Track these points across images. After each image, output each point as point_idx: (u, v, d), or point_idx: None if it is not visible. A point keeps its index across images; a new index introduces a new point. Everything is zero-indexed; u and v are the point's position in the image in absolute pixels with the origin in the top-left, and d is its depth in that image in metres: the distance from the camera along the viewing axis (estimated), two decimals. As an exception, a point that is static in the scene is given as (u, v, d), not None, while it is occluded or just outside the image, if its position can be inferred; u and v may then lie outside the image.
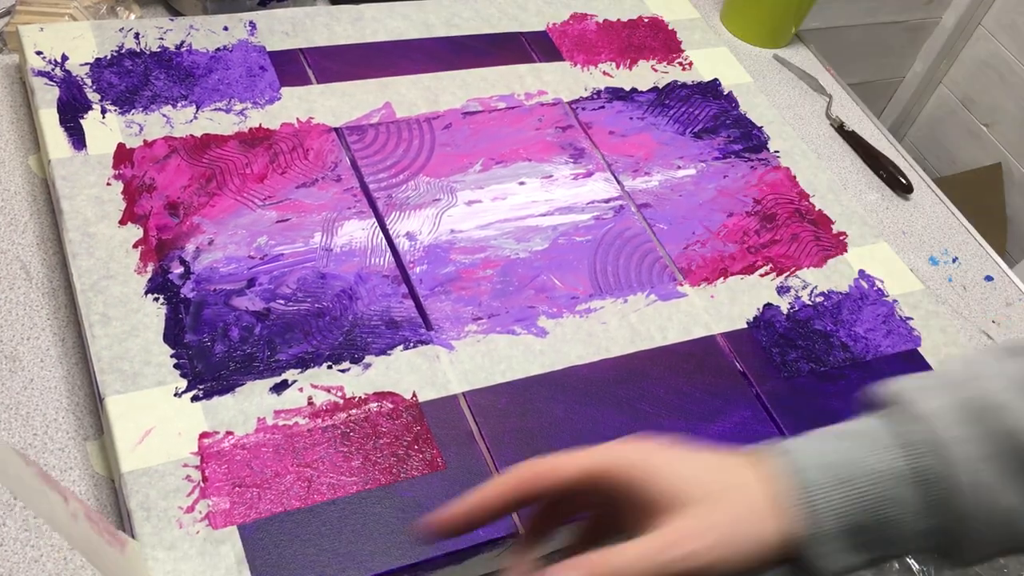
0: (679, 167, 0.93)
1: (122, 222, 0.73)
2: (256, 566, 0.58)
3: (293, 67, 0.89)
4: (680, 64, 1.04)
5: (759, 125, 1.00)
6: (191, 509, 0.59)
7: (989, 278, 1.02)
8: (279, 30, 0.92)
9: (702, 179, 0.92)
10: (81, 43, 0.84)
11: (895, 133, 1.93)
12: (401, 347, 0.71)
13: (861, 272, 0.89)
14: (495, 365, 0.72)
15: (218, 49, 0.88)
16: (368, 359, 0.70)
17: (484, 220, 0.82)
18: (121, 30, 0.87)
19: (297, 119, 0.84)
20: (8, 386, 0.67)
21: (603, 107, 0.96)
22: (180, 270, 0.71)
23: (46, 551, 0.61)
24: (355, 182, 0.81)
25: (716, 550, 0.43)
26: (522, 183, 0.86)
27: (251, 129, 0.82)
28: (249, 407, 0.65)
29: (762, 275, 0.86)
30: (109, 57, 0.84)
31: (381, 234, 0.78)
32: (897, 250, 1.01)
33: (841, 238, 0.91)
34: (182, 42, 0.88)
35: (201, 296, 0.70)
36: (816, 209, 0.93)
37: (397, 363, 0.70)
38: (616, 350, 0.76)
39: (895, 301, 0.87)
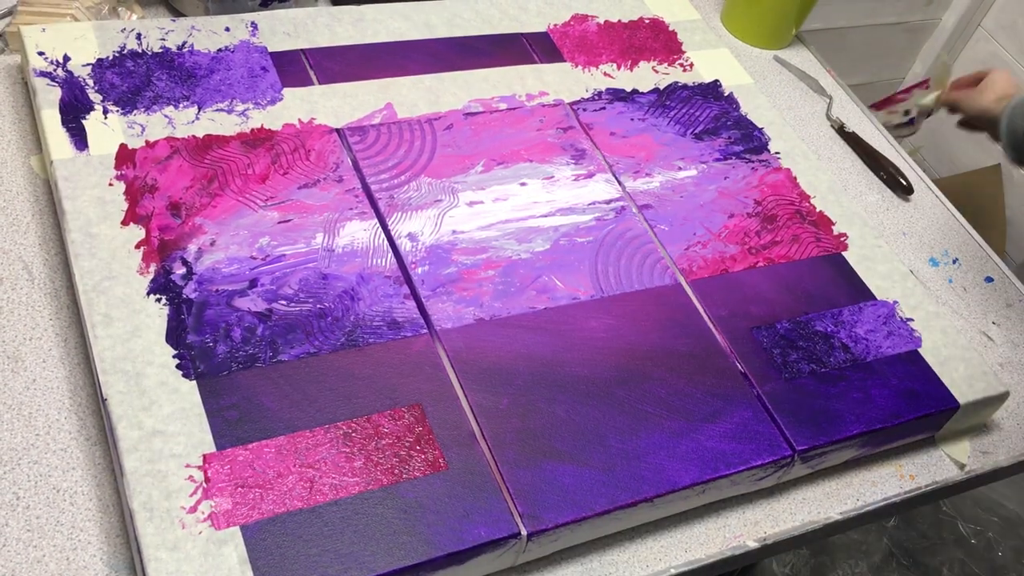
0: (680, 168, 0.93)
1: (124, 223, 0.73)
2: (258, 567, 0.58)
3: (295, 68, 0.89)
4: (681, 65, 1.04)
5: (760, 126, 1.00)
6: (194, 509, 0.59)
7: (989, 279, 1.02)
8: (281, 31, 0.92)
9: (703, 180, 0.92)
10: (83, 44, 0.85)
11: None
12: (403, 348, 0.71)
13: (862, 273, 0.89)
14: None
15: (220, 50, 0.88)
16: (370, 360, 0.70)
17: (486, 221, 0.82)
18: (123, 31, 0.87)
19: (299, 120, 0.85)
20: (10, 386, 0.67)
21: (604, 108, 0.96)
22: (182, 271, 0.71)
23: (48, 551, 0.61)
24: (357, 183, 0.81)
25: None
26: (523, 184, 0.86)
27: (253, 130, 0.82)
28: (251, 408, 0.65)
29: (763, 276, 0.86)
30: (111, 58, 0.84)
31: (383, 235, 0.78)
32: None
33: (842, 239, 0.91)
34: (184, 43, 0.88)
35: (203, 297, 0.70)
36: (817, 210, 0.93)
37: (399, 364, 0.71)
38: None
39: (895, 302, 0.87)
